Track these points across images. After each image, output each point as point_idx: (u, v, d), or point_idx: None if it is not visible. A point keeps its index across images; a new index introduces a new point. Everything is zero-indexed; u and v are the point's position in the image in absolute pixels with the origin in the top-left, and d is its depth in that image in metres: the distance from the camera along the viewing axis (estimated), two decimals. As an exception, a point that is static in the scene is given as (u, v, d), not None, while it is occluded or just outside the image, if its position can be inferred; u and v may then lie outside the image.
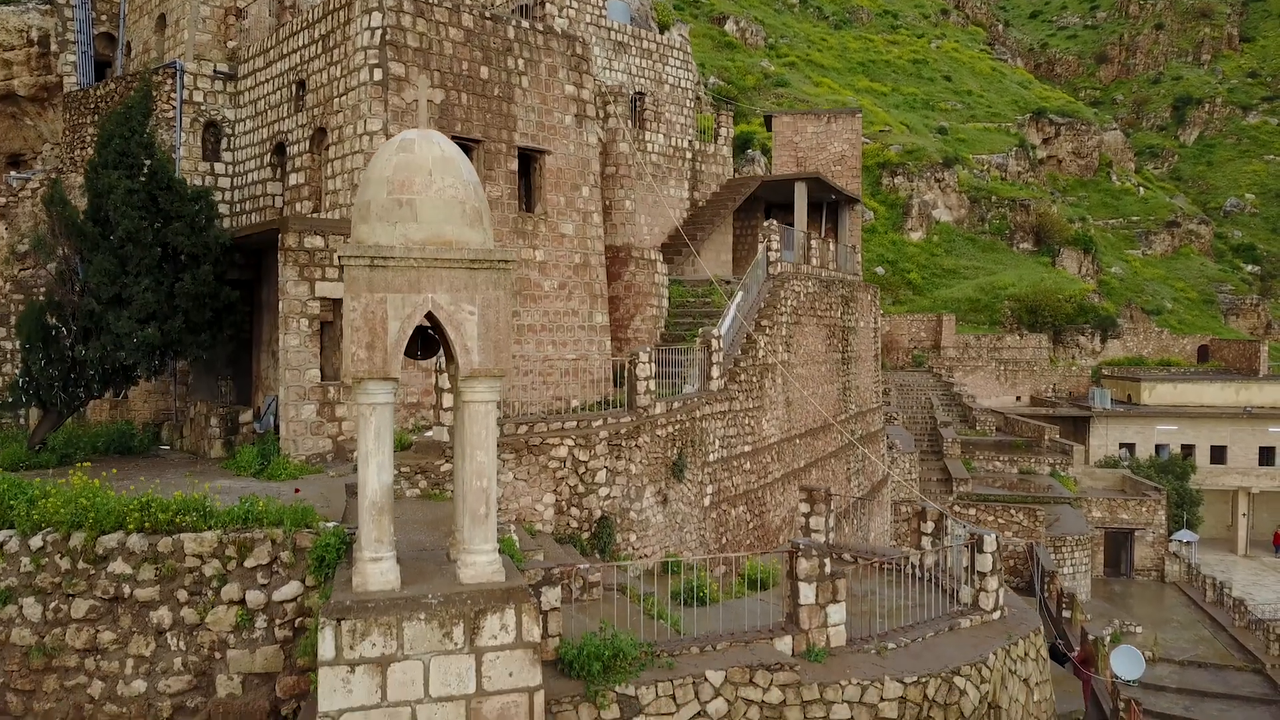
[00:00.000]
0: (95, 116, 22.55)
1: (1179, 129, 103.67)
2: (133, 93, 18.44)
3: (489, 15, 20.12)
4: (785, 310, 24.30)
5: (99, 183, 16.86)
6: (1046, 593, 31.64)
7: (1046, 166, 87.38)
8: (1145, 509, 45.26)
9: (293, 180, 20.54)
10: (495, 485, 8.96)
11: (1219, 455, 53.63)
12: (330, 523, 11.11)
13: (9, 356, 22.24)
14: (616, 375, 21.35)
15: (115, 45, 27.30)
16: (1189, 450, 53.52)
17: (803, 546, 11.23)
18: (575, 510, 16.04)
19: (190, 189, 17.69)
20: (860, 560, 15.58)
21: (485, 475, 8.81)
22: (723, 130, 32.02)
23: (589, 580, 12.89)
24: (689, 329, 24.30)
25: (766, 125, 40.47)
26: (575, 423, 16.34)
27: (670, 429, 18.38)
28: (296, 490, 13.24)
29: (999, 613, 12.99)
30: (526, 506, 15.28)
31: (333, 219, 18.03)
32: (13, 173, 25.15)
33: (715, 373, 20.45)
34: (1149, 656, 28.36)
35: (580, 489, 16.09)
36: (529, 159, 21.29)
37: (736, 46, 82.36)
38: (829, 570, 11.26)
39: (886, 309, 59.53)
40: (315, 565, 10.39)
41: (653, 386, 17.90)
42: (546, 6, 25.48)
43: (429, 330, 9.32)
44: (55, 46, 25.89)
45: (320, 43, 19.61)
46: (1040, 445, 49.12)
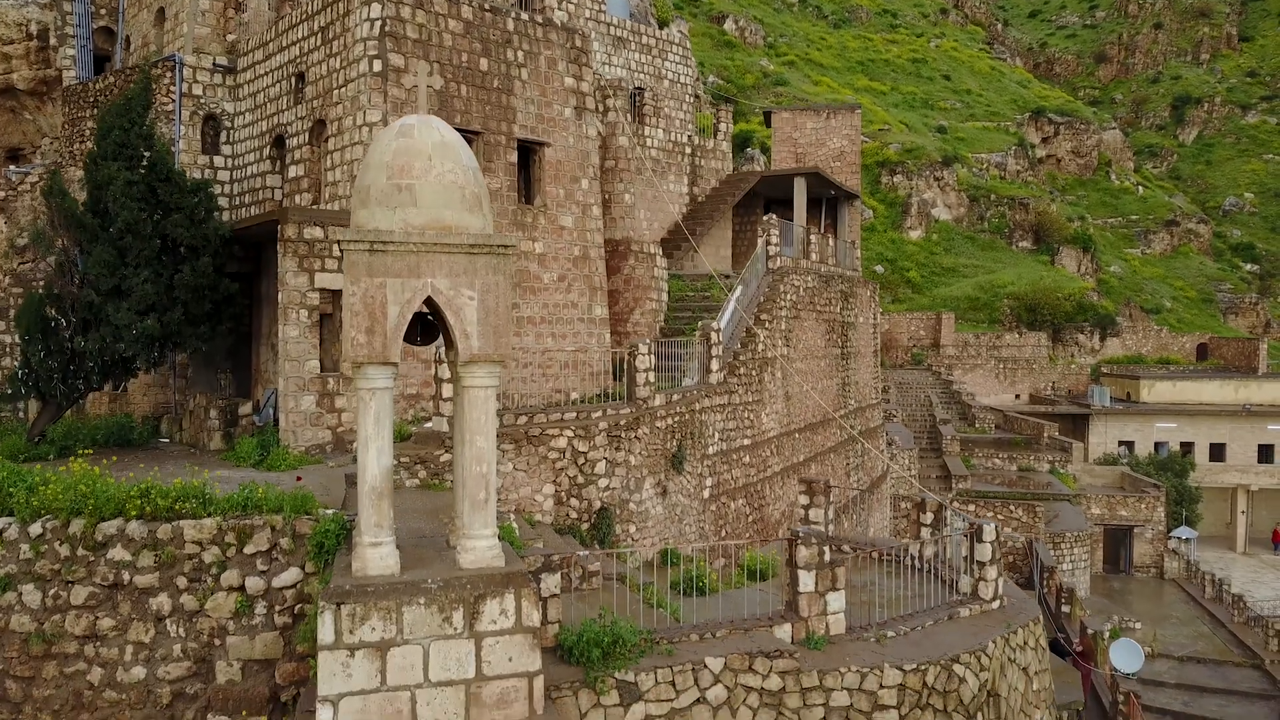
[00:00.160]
0: (94, 110, 22.52)
1: (1178, 128, 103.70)
2: (132, 86, 18.42)
3: (488, 7, 20.13)
4: (785, 305, 24.30)
5: (98, 174, 16.85)
6: (1045, 588, 31.67)
7: (1045, 165, 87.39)
8: (1144, 506, 45.29)
9: (292, 172, 20.53)
10: (495, 471, 8.95)
11: (1218, 453, 53.67)
12: (330, 510, 11.10)
13: (8, 350, 22.22)
14: (616, 369, 21.35)
15: (114, 39, 27.29)
16: (1188, 448, 53.55)
17: (802, 534, 11.24)
18: (575, 501, 16.04)
19: (190, 181, 17.69)
20: (859, 551, 15.58)
21: (485, 461, 8.79)
22: (722, 126, 32.02)
23: (588, 569, 12.89)
24: (688, 323, 24.29)
25: (766, 122, 40.43)
26: (575, 414, 16.34)
27: (670, 421, 18.38)
28: (298, 478, 13.24)
29: (998, 602, 12.99)
30: (526, 497, 15.28)
31: (332, 210, 18.03)
32: (12, 167, 25.12)
33: (715, 366, 20.44)
34: (1148, 652, 28.39)
35: (580, 480, 16.09)
36: (528, 151, 21.28)
37: (735, 45, 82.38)
38: (828, 558, 11.27)
39: (886, 307, 59.52)
40: (315, 551, 10.38)
41: (652, 378, 17.90)
42: (545, 0, 25.45)
43: (429, 316, 9.31)
44: (54, 40, 25.89)
45: (319, 34, 19.61)
46: (1039, 443, 49.16)
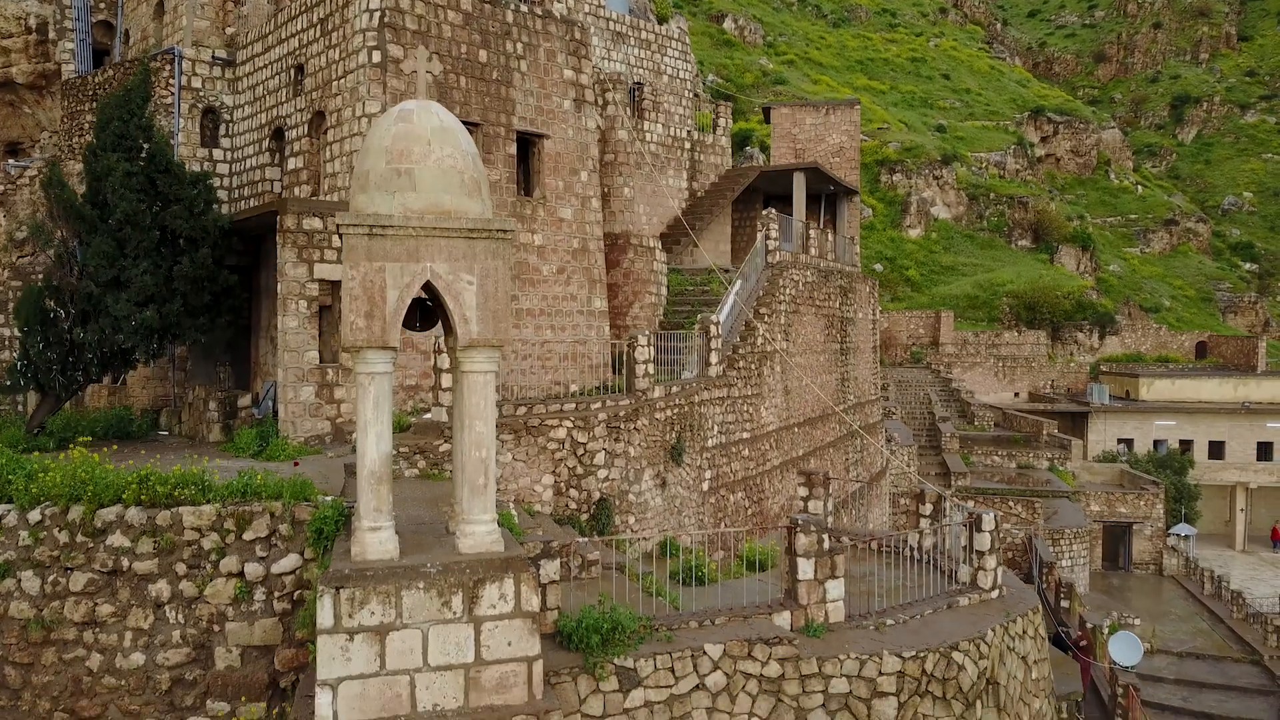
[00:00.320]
0: (93, 104, 22.50)
1: (1177, 127, 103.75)
2: (131, 79, 18.41)
3: None
4: (784, 299, 24.29)
5: (97, 165, 16.84)
6: (1045, 583, 31.67)
7: (1045, 164, 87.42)
8: (1143, 503, 45.30)
9: (291, 165, 20.52)
10: (494, 456, 8.95)
11: (1217, 450, 53.70)
12: (328, 497, 11.09)
13: (7, 343, 22.22)
14: (615, 362, 21.34)
15: (114, 32, 27.27)
16: (1187, 445, 53.57)
17: (801, 522, 11.23)
18: (574, 492, 16.03)
19: (189, 173, 17.68)
20: (858, 542, 15.58)
21: (484, 446, 8.79)
22: (721, 121, 32.01)
23: (588, 558, 12.88)
24: (687, 317, 24.29)
25: (765, 118, 40.41)
26: (574, 405, 16.35)
27: (669, 413, 18.38)
28: (295, 464, 13.22)
29: (997, 591, 12.98)
30: (525, 487, 15.28)
31: (331, 201, 18.02)
32: (11, 160, 25.11)
33: (714, 359, 20.44)
34: (1147, 648, 28.38)
35: (579, 471, 16.09)
36: (527, 143, 21.27)
37: (735, 44, 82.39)
38: (827, 545, 11.26)
39: (885, 306, 59.56)
40: (314, 538, 10.37)
41: (651, 370, 17.90)
42: (545, -6, 25.45)
43: (428, 302, 9.31)
44: (53, 34, 25.86)
45: (318, 26, 19.59)
46: (1038, 440, 49.14)
